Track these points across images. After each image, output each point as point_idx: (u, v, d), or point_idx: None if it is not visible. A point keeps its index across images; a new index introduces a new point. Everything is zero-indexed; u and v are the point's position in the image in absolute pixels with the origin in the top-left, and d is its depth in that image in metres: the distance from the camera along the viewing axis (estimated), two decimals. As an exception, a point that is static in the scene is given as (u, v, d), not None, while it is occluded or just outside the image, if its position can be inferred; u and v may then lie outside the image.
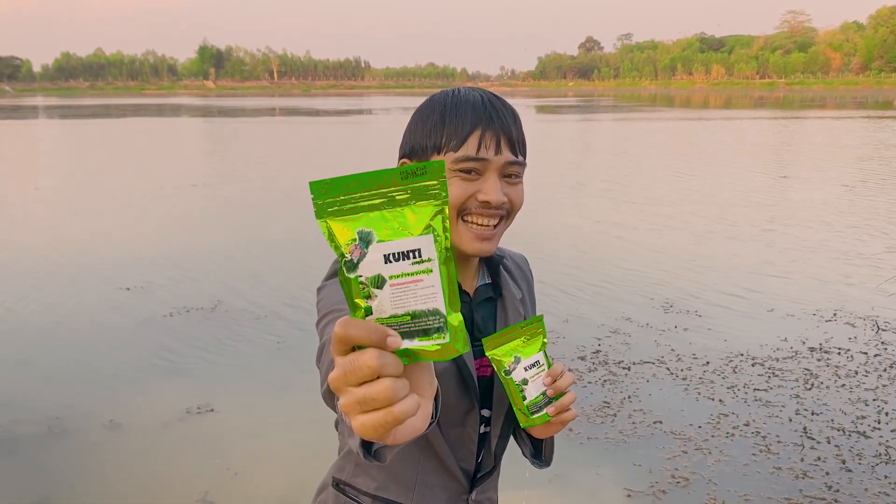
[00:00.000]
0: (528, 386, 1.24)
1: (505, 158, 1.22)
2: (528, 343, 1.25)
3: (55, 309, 6.52)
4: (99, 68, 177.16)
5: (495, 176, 1.22)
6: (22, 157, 21.12)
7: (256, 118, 43.88)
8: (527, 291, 1.49)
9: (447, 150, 1.22)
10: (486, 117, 1.21)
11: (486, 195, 1.21)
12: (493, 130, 1.21)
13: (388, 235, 0.68)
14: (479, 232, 1.23)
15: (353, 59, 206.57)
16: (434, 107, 1.26)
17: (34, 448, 4.06)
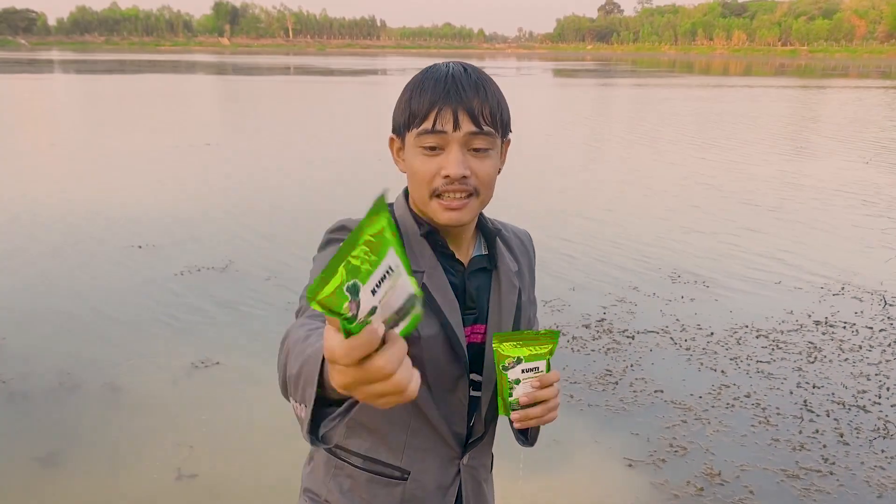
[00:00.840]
0: (518, 386, 1.28)
1: (465, 131, 1.23)
2: (536, 350, 1.28)
3: (68, 266, 6.61)
4: (114, 23, 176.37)
5: (457, 149, 1.24)
6: (38, 113, 21.18)
7: (271, 76, 43.68)
8: (526, 267, 1.50)
9: (413, 127, 1.26)
10: (444, 92, 1.23)
11: (445, 169, 1.23)
12: (450, 104, 1.22)
13: (367, 272, 0.71)
14: (447, 203, 1.26)
15: (368, 18, 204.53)
16: (409, 85, 1.29)
17: (45, 402, 4.15)
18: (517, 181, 10.77)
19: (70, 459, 3.60)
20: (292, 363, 1.00)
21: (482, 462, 1.48)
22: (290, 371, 1.00)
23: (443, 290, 1.31)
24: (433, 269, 1.32)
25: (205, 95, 29.79)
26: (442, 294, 1.31)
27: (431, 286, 1.30)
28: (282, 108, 24.16)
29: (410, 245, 1.32)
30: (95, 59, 74.34)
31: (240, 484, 3.44)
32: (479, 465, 1.47)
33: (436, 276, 1.31)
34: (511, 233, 1.50)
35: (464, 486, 1.43)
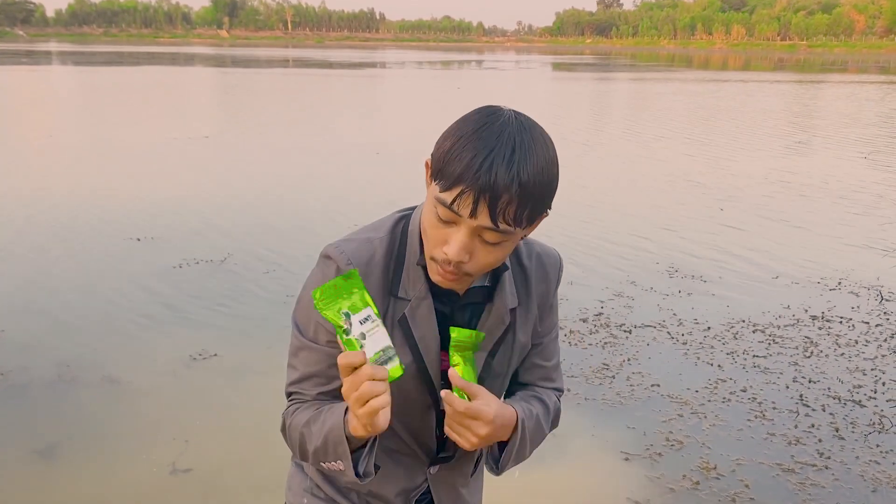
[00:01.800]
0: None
1: (479, 223, 1.11)
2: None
3: (66, 258, 6.61)
4: (113, 14, 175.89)
5: (465, 234, 1.13)
6: (36, 104, 21.14)
7: (270, 69, 43.61)
8: (540, 296, 1.40)
9: (437, 180, 1.14)
10: (475, 173, 1.08)
11: (446, 248, 1.16)
12: (473, 191, 1.08)
13: (354, 310, 1.15)
14: (442, 272, 1.20)
15: (367, 11, 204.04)
16: (461, 130, 1.13)
17: (44, 394, 4.17)
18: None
19: (68, 452, 3.61)
20: (314, 440, 1.25)
21: (460, 471, 1.47)
22: (315, 445, 1.25)
23: (426, 322, 1.28)
24: (421, 300, 1.27)
25: (203, 88, 29.74)
26: (423, 326, 1.28)
27: (414, 318, 1.27)
28: (280, 100, 24.13)
29: (408, 270, 1.27)
30: (94, 50, 74.15)
31: (233, 478, 3.45)
32: (456, 473, 1.46)
33: (423, 306, 1.27)
34: (534, 257, 1.39)
35: (434, 493, 1.45)
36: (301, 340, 1.31)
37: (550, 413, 1.43)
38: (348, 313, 1.15)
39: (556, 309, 1.46)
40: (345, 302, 1.16)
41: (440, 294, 1.29)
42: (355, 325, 1.15)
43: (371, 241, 1.28)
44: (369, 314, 1.16)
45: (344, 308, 1.15)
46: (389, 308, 1.28)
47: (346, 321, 1.15)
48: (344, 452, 1.20)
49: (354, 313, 1.16)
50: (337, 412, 1.21)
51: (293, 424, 1.30)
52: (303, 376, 1.31)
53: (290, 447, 1.35)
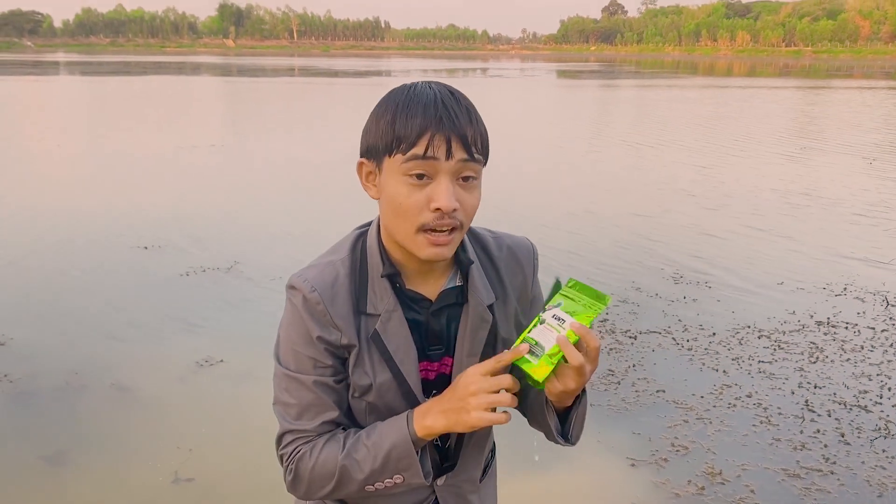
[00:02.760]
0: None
1: (457, 158, 1.16)
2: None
3: (74, 266, 6.65)
4: (119, 25, 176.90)
5: (447, 179, 1.17)
6: (44, 114, 21.27)
7: (276, 78, 43.78)
8: (517, 287, 1.40)
9: (397, 151, 1.17)
10: (436, 117, 1.15)
11: (436, 202, 1.16)
12: (443, 131, 1.15)
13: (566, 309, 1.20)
14: (433, 238, 1.19)
15: (373, 20, 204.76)
16: (388, 105, 1.20)
17: (52, 401, 4.20)
18: (520, 181, 10.81)
19: (74, 459, 3.64)
20: (365, 466, 1.24)
21: (467, 478, 1.44)
22: (370, 469, 1.24)
23: (398, 335, 1.27)
24: (391, 312, 1.27)
25: (210, 97, 29.88)
26: (397, 339, 1.27)
27: (385, 331, 1.26)
28: (286, 109, 24.23)
29: (373, 285, 1.27)
30: (100, 60, 74.57)
31: (234, 488, 3.46)
32: (463, 481, 1.43)
33: (393, 319, 1.27)
34: (504, 248, 1.40)
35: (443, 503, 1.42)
36: (289, 374, 1.29)
37: None
38: (561, 303, 1.22)
39: (540, 298, 1.44)
40: (573, 298, 1.23)
41: (411, 303, 1.29)
42: (550, 314, 1.21)
43: (333, 264, 1.28)
44: (566, 321, 1.19)
45: (566, 298, 1.23)
46: (361, 326, 1.26)
47: (552, 308, 1.22)
48: (412, 463, 1.23)
49: (562, 310, 1.21)
50: (394, 427, 1.24)
51: (320, 463, 1.26)
52: (300, 410, 1.29)
53: (313, 489, 1.29)
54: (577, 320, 1.18)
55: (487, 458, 1.52)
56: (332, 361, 1.27)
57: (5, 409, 4.11)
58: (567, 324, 1.17)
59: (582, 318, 1.18)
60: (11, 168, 11.78)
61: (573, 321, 1.17)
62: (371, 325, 1.27)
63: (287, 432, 1.31)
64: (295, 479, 1.30)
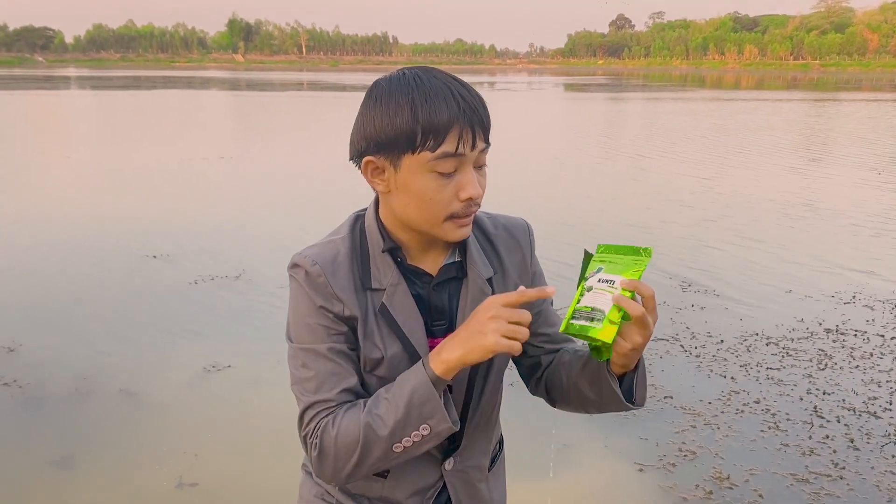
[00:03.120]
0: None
1: (479, 148, 1.21)
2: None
3: (84, 274, 6.70)
4: (130, 40, 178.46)
5: (471, 169, 1.22)
6: (54, 128, 21.46)
7: (284, 92, 44.05)
8: (515, 263, 1.42)
9: (423, 149, 1.18)
10: (460, 110, 1.17)
11: (467, 192, 1.21)
12: (469, 124, 1.18)
13: (609, 271, 1.20)
14: (459, 222, 1.24)
15: (381, 35, 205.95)
16: (397, 99, 1.19)
17: (61, 406, 4.22)
18: (532, 189, 10.83)
19: (82, 463, 3.66)
20: (388, 419, 1.19)
21: (475, 464, 1.43)
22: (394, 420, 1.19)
23: (405, 307, 1.29)
24: (396, 286, 1.29)
25: (219, 110, 30.08)
26: (404, 311, 1.29)
27: (392, 304, 1.28)
28: (295, 122, 24.37)
29: (375, 262, 1.29)
30: (111, 75, 75.21)
31: (238, 493, 3.46)
32: (470, 467, 1.42)
33: (398, 292, 1.29)
34: (500, 227, 1.43)
35: (451, 489, 1.41)
36: (304, 348, 1.28)
37: None
38: (601, 267, 1.22)
39: (540, 274, 1.47)
40: (610, 261, 1.23)
41: (413, 279, 1.32)
42: (595, 279, 1.21)
43: (333, 243, 1.32)
44: (615, 281, 1.18)
45: (604, 263, 1.23)
46: (367, 301, 1.28)
47: (594, 273, 1.22)
48: (436, 405, 1.18)
49: (605, 273, 1.21)
50: (411, 373, 1.21)
51: (343, 429, 1.21)
52: (319, 381, 1.25)
53: (340, 463, 1.23)
54: (625, 277, 1.18)
55: (495, 449, 1.52)
56: (343, 328, 1.27)
57: (15, 413, 4.14)
58: (617, 283, 1.18)
59: (630, 275, 1.19)
60: (23, 178, 11.89)
61: (622, 279, 1.18)
62: (377, 299, 1.28)
63: (308, 408, 1.26)
64: (321, 456, 1.23)
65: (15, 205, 9.77)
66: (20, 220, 8.83)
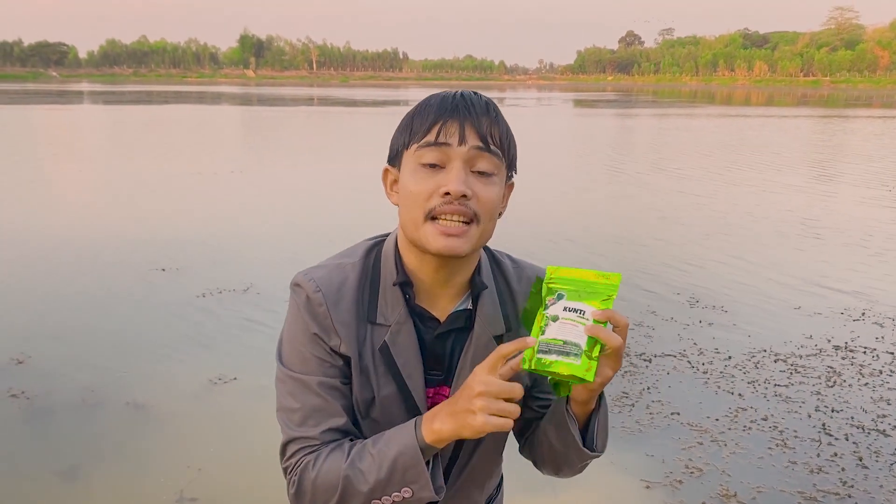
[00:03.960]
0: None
1: (470, 145, 1.14)
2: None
3: (93, 286, 6.73)
4: (143, 55, 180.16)
5: (459, 165, 1.14)
6: (66, 141, 21.64)
7: (295, 107, 44.32)
8: None
9: (412, 142, 1.18)
10: (450, 107, 1.16)
11: (446, 185, 1.13)
12: (456, 117, 1.15)
13: (573, 298, 1.10)
14: (444, 227, 1.15)
15: (391, 51, 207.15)
16: (412, 109, 1.22)
17: (68, 418, 4.23)
18: (538, 205, 10.83)
19: (87, 475, 3.66)
20: (370, 476, 1.14)
21: (466, 498, 1.37)
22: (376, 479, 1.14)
23: (407, 349, 1.22)
24: (401, 325, 1.22)
25: (230, 125, 30.27)
26: (406, 353, 1.22)
27: (395, 344, 1.21)
28: (305, 137, 24.50)
29: (384, 294, 1.23)
30: (123, 90, 75.89)
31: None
32: (460, 500, 1.36)
33: (403, 332, 1.22)
34: (524, 280, 1.33)
35: None
36: (293, 376, 1.22)
37: None
38: (563, 294, 1.11)
39: None
40: (572, 287, 1.11)
41: (418, 321, 1.24)
42: (559, 308, 1.10)
43: (342, 267, 1.25)
44: (585, 312, 1.09)
45: (565, 289, 1.11)
46: (367, 335, 1.22)
47: (555, 301, 1.11)
48: (420, 472, 1.12)
49: (570, 300, 1.10)
50: (401, 433, 1.15)
51: (323, 473, 1.17)
52: (304, 415, 1.20)
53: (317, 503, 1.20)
54: (596, 307, 1.09)
55: (492, 493, 1.44)
56: (338, 362, 1.21)
57: (22, 424, 4.15)
58: (588, 313, 1.08)
59: (601, 305, 1.10)
60: (35, 192, 11.98)
61: (594, 308, 1.09)
62: (379, 335, 1.22)
63: (290, 441, 1.22)
64: (297, 492, 1.20)
65: (26, 218, 9.84)
66: (30, 233, 8.89)
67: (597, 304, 1.10)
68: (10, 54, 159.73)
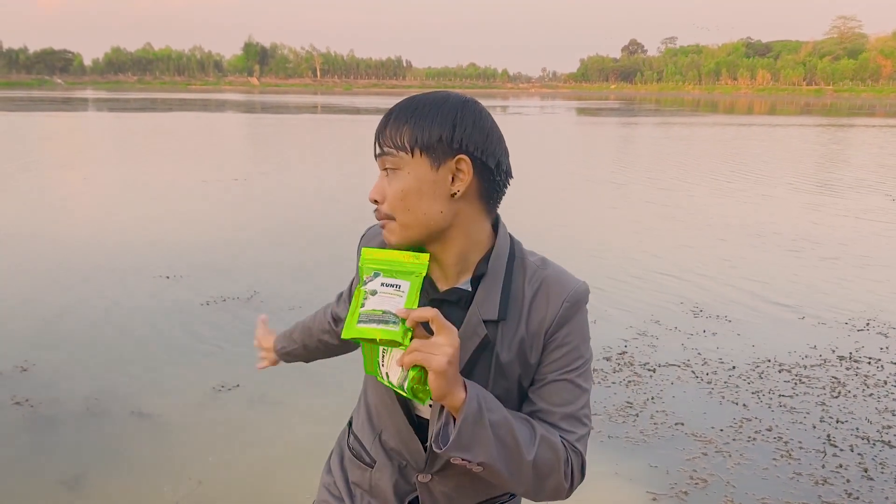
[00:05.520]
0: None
1: (377, 153, 1.30)
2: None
3: (97, 294, 6.74)
4: (147, 63, 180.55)
5: (380, 174, 1.31)
6: (71, 148, 21.70)
7: (299, 115, 44.41)
8: (538, 319, 1.31)
9: None
10: (381, 120, 1.30)
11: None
12: (376, 132, 1.30)
13: (389, 275, 1.20)
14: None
15: (394, 59, 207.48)
16: None
17: (72, 426, 4.23)
18: (540, 216, 10.84)
19: (92, 483, 3.66)
20: None
21: (455, 494, 1.40)
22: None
23: None
24: None
25: (234, 132, 30.33)
26: None
27: None
28: (309, 144, 24.54)
29: None
30: (128, 97, 76.12)
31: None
32: (447, 492, 1.39)
33: None
34: (538, 280, 1.32)
35: (422, 500, 1.41)
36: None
37: (536, 439, 1.24)
38: (379, 272, 1.21)
39: (568, 349, 1.31)
40: (386, 266, 1.22)
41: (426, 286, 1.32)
42: (377, 283, 1.19)
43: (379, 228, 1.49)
44: (401, 286, 1.18)
45: (380, 269, 1.22)
46: None
47: (372, 277, 1.21)
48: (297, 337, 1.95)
49: (386, 276, 1.20)
50: None
51: None
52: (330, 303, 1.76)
53: None
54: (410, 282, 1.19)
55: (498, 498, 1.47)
56: None
57: (26, 433, 4.15)
58: (403, 287, 1.19)
59: (413, 281, 1.20)
60: (39, 199, 12.01)
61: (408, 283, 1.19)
62: None
63: None
64: None
65: (30, 225, 9.86)
66: (34, 241, 8.90)
67: (411, 279, 1.20)
68: (15, 61, 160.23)
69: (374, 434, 1.45)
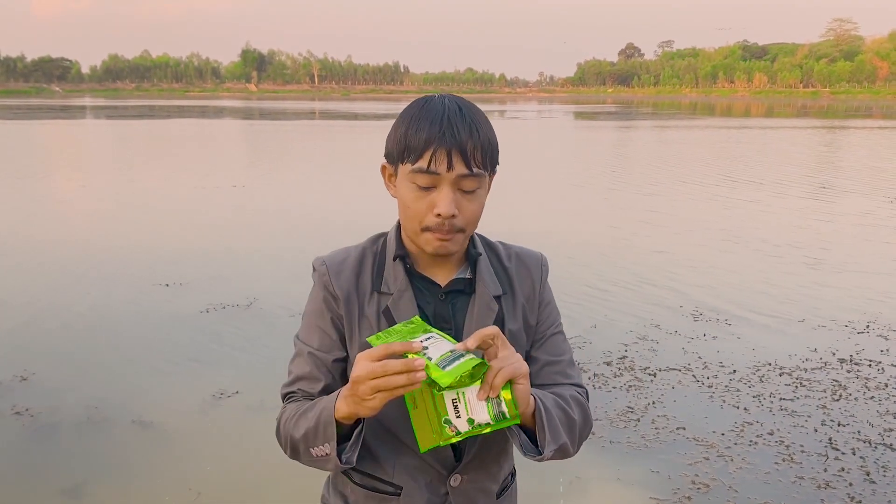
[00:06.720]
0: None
1: (457, 172, 1.29)
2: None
3: (97, 302, 6.73)
4: (145, 70, 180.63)
5: (448, 188, 1.30)
6: (69, 156, 21.70)
7: (297, 121, 44.45)
8: (527, 289, 1.48)
9: (407, 160, 1.32)
10: (439, 133, 1.28)
11: (438, 208, 1.30)
12: (445, 146, 1.27)
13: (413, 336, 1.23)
14: (436, 235, 1.33)
15: (392, 64, 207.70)
16: (404, 117, 1.35)
17: (73, 435, 4.22)
18: (540, 222, 10.84)
19: (92, 493, 3.65)
20: (306, 424, 1.34)
21: (481, 486, 1.45)
22: (307, 427, 1.33)
23: (407, 312, 1.37)
24: (402, 292, 1.39)
25: (231, 139, 30.35)
26: (405, 315, 1.36)
27: (396, 308, 1.38)
28: (307, 151, 24.55)
29: (389, 268, 1.42)
30: (126, 104, 76.17)
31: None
32: (475, 488, 1.44)
33: (404, 298, 1.39)
34: (514, 256, 1.51)
35: None
36: (297, 346, 1.47)
37: (567, 401, 1.39)
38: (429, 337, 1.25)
39: (551, 305, 1.52)
40: (398, 336, 1.24)
41: (422, 288, 1.41)
42: (417, 341, 1.23)
43: (347, 249, 1.48)
44: (431, 337, 1.23)
45: (398, 339, 1.24)
46: (374, 303, 1.40)
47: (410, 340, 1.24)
48: (332, 434, 1.29)
49: (412, 337, 1.24)
50: (331, 396, 1.33)
51: (285, 417, 1.42)
52: (294, 378, 1.46)
53: (283, 445, 1.44)
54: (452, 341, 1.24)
55: (507, 479, 1.53)
56: (334, 335, 1.41)
57: (27, 442, 4.14)
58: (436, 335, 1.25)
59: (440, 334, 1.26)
60: (37, 207, 12.00)
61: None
62: (384, 301, 1.40)
63: (283, 394, 1.50)
64: (276, 436, 1.47)
65: (28, 233, 9.86)
66: (33, 249, 8.90)
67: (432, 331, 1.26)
68: (13, 70, 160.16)
69: (394, 458, 1.42)
